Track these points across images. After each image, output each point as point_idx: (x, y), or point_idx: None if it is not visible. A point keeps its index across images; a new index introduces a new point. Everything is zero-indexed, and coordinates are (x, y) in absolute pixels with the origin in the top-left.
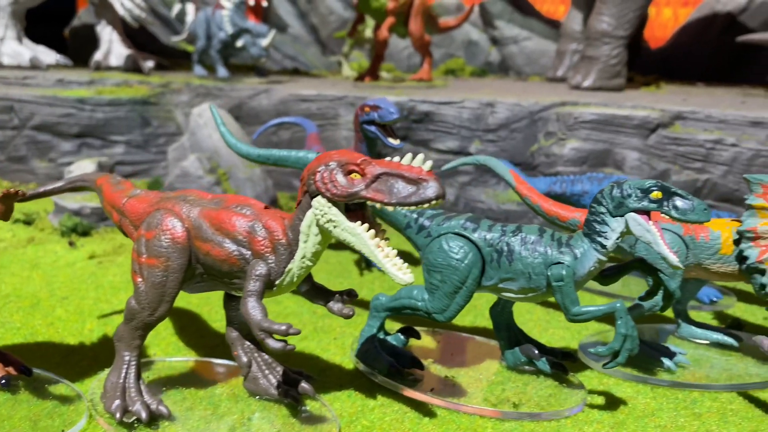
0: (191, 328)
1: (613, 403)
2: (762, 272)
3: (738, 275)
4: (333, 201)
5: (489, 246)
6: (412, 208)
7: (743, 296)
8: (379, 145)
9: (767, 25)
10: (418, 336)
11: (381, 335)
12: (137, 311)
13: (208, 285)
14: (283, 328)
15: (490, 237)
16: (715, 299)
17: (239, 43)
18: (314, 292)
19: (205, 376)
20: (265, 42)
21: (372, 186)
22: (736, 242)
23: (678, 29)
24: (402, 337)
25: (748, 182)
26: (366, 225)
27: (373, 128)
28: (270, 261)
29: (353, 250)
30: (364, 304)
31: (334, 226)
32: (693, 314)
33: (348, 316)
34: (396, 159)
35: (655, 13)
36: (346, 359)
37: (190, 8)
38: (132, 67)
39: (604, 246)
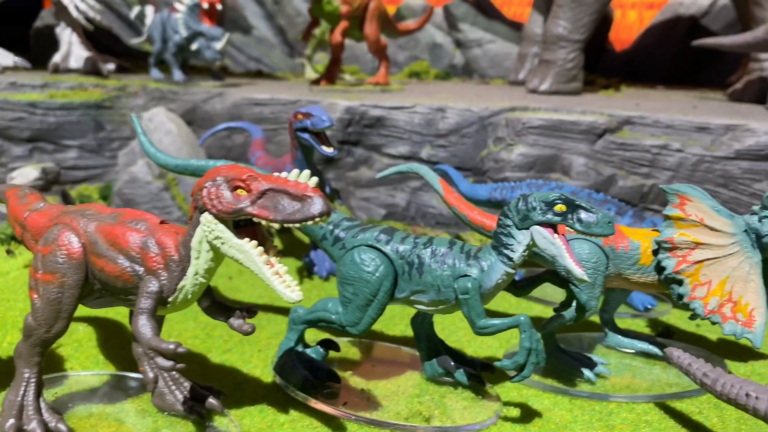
0: (113, 341)
1: (528, 415)
2: (679, 282)
3: (658, 285)
4: (219, 217)
5: (401, 258)
6: (296, 225)
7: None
8: (315, 153)
9: (729, 28)
10: (337, 348)
11: (300, 348)
12: (34, 328)
13: (108, 301)
14: (171, 347)
15: (402, 249)
16: (650, 306)
17: (194, 47)
18: (215, 307)
19: (117, 391)
20: (219, 45)
21: (258, 202)
22: (655, 252)
23: (642, 32)
24: (321, 349)
25: (665, 193)
26: (254, 242)
27: (306, 136)
28: (162, 278)
29: (297, 258)
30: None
31: (222, 243)
32: (628, 322)
33: (247, 333)
34: (284, 175)
35: (621, 15)
36: (267, 372)
37: (149, 10)
38: (92, 69)
39: (510, 259)
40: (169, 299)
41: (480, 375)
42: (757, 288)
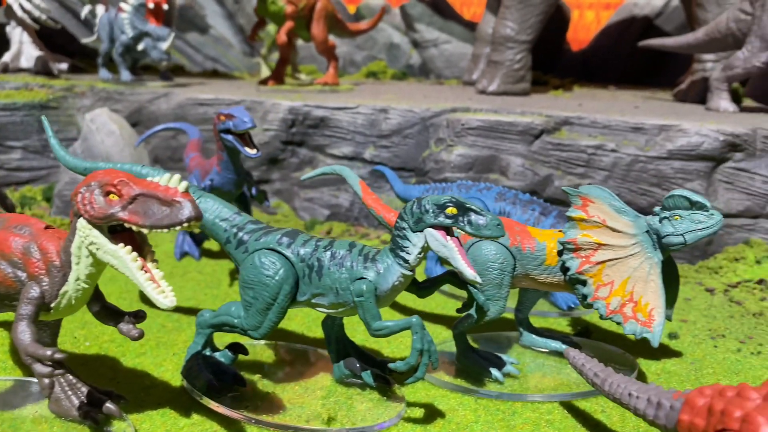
0: None
1: (430, 415)
2: (583, 283)
3: (564, 285)
4: (92, 223)
5: (301, 261)
6: (165, 230)
7: None
8: (241, 154)
9: (682, 29)
10: (245, 352)
11: (208, 352)
12: None
13: None
14: (48, 353)
15: (303, 252)
16: (573, 305)
17: (140, 47)
18: (105, 312)
19: (17, 397)
20: (165, 45)
21: (129, 207)
22: (559, 253)
23: (598, 32)
24: (230, 353)
25: (567, 195)
26: (129, 248)
27: (229, 137)
28: (44, 283)
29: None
30: None
31: (97, 249)
32: (550, 321)
33: (135, 338)
34: (156, 179)
35: (578, 16)
36: (178, 376)
37: (100, 9)
38: (43, 69)
39: (406, 261)
40: (52, 305)
41: (387, 376)
42: (657, 288)
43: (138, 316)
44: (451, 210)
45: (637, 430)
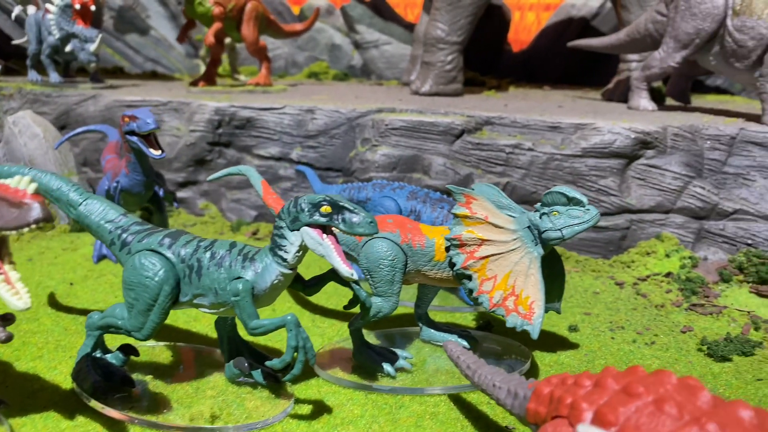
0: None
1: (317, 411)
2: (468, 277)
3: (454, 280)
4: None
5: (182, 262)
6: (13, 232)
7: None
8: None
9: (617, 29)
10: (136, 353)
11: (99, 353)
12: None
13: None
14: None
15: (184, 253)
16: None
17: (68, 48)
18: None
19: None
20: (93, 47)
21: None
22: (447, 249)
23: (538, 33)
24: (121, 354)
25: (452, 193)
26: None
27: (134, 138)
28: None
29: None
30: None
31: None
32: (457, 316)
33: (2, 341)
34: (7, 181)
35: (519, 17)
36: (69, 379)
37: (31, 9)
38: None
39: (285, 260)
40: None
41: (276, 374)
42: (536, 282)
43: (6, 319)
44: (326, 209)
45: (518, 422)
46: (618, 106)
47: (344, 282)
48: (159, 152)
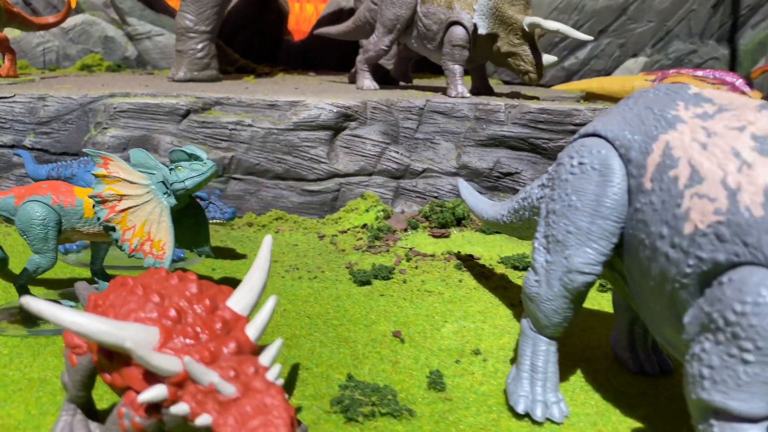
0: None
1: None
2: (113, 229)
3: (105, 234)
4: None
5: None
6: None
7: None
8: None
9: None
10: None
11: None
12: None
13: None
14: None
15: None
16: (175, 258)
17: None
18: None
19: None
20: None
21: None
22: (94, 206)
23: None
24: None
25: (90, 156)
26: None
27: None
28: None
29: None
30: None
31: None
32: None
33: None
34: None
35: (300, 9)
36: None
37: None
38: None
39: None
40: None
41: None
42: (167, 228)
43: None
44: None
45: None
46: (350, 87)
47: None
48: None
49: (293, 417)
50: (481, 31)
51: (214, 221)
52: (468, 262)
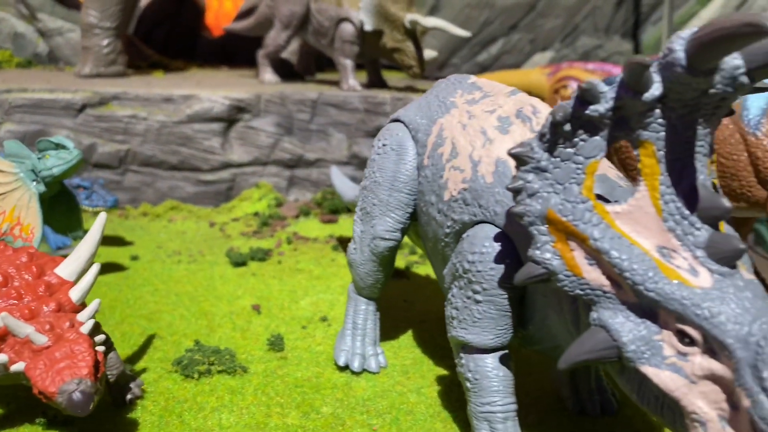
0: None
1: None
2: None
3: None
4: None
5: None
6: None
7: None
8: None
9: None
10: None
11: None
12: None
13: None
14: None
15: None
16: (61, 245)
17: None
18: None
19: None
20: None
21: None
22: None
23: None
24: None
25: None
26: None
27: None
28: None
29: None
30: None
31: None
32: None
33: None
34: None
35: (219, 5)
36: None
37: None
38: None
39: None
40: None
41: None
42: (36, 213)
43: None
44: None
45: None
46: (254, 81)
47: None
48: None
49: (96, 360)
50: (367, 27)
51: (97, 208)
52: (347, 243)
